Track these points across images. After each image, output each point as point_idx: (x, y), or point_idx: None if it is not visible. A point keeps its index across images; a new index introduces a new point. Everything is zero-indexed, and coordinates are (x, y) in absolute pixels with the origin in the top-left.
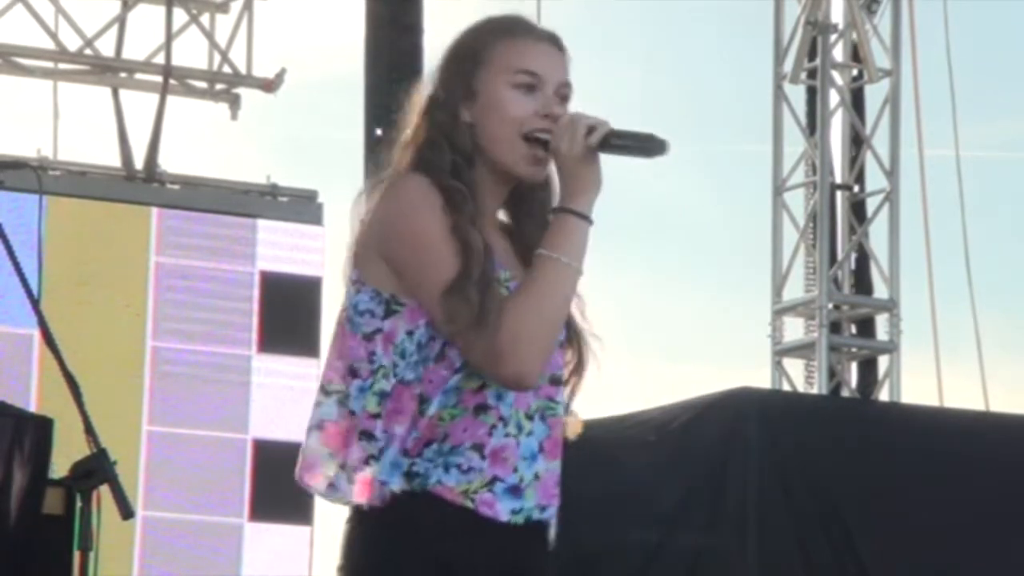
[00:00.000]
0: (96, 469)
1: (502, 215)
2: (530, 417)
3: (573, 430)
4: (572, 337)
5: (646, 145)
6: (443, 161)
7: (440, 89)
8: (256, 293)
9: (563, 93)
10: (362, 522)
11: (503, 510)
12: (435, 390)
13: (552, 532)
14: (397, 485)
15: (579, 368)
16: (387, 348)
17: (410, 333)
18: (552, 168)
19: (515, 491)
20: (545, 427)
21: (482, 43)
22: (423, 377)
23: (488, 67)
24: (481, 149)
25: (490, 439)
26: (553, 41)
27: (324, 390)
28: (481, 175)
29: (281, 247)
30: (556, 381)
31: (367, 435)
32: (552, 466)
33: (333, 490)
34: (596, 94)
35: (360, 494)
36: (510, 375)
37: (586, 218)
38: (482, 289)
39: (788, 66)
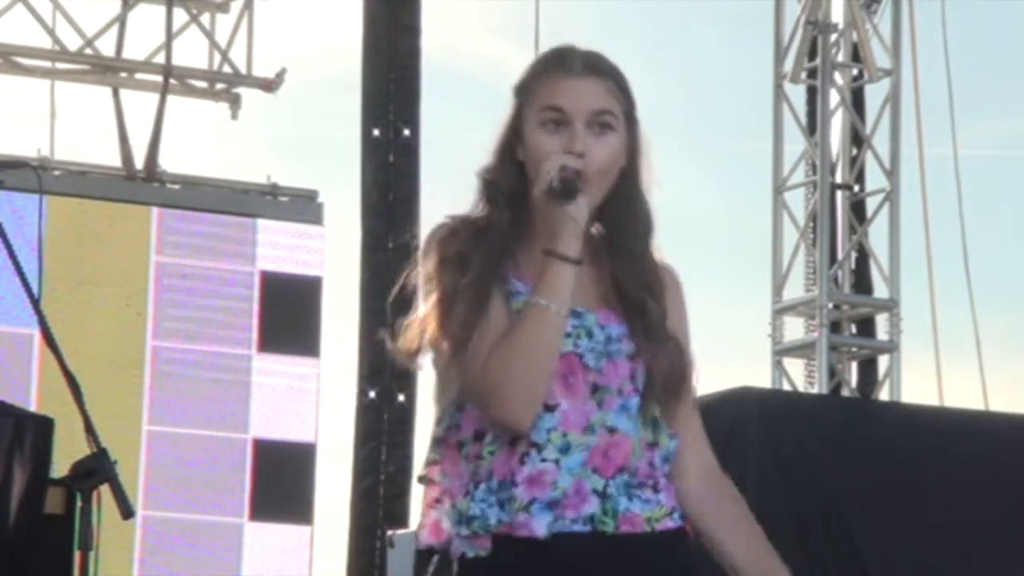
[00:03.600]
0: (96, 469)
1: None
2: (587, 432)
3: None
4: (657, 346)
5: (557, 188)
6: (497, 198)
7: (504, 127)
8: (256, 293)
9: (600, 121)
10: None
11: (539, 526)
12: (469, 432)
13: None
14: (457, 542)
15: (670, 382)
16: (440, 392)
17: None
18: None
19: (554, 505)
20: (609, 437)
21: (527, 82)
22: (461, 421)
23: (528, 105)
24: (532, 184)
25: (522, 467)
26: (590, 69)
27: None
28: (541, 208)
29: (281, 247)
30: (620, 392)
31: (428, 480)
32: (613, 478)
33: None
34: None
35: (427, 537)
36: (496, 419)
37: (567, 258)
38: (471, 304)
39: (788, 66)
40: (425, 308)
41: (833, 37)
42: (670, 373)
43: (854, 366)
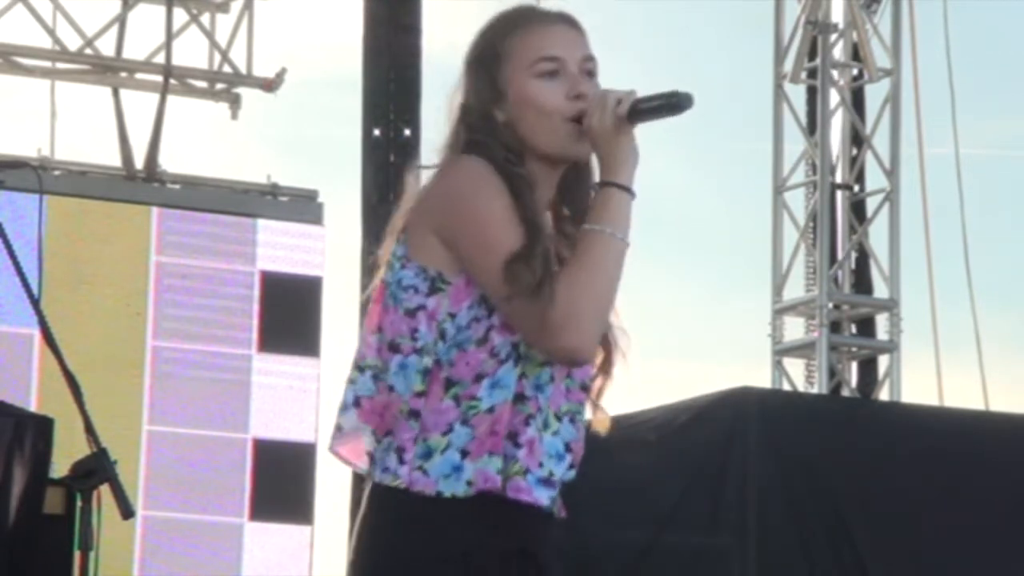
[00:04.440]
0: (96, 469)
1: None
2: (559, 417)
3: (602, 425)
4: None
5: (672, 102)
6: (496, 154)
7: (470, 95)
8: (256, 293)
9: (587, 68)
10: (390, 506)
11: (542, 497)
12: (468, 374)
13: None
14: (419, 477)
15: (607, 365)
16: (430, 325)
17: (452, 315)
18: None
19: (547, 483)
20: (573, 430)
21: (497, 41)
22: (456, 360)
23: (508, 63)
24: (525, 143)
25: (526, 429)
26: (565, 20)
27: (358, 367)
28: (532, 168)
29: (281, 247)
30: (585, 388)
31: (414, 414)
32: (570, 474)
33: (375, 466)
34: None
35: (349, 455)
36: (566, 348)
37: (628, 190)
38: (544, 263)
39: (788, 65)
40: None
41: (833, 37)
42: (613, 356)
43: (854, 366)
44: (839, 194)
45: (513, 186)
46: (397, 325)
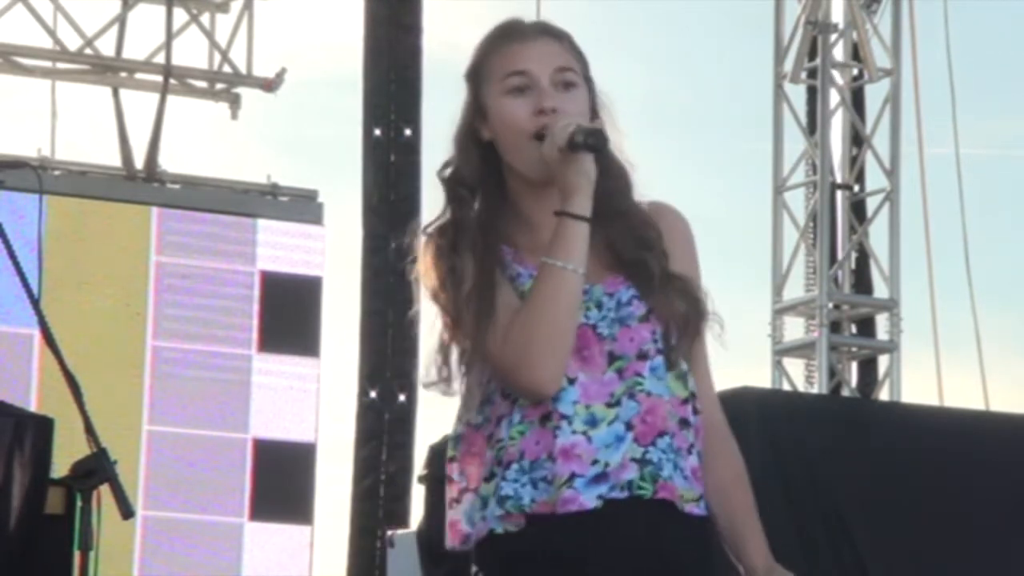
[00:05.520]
0: (96, 469)
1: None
2: (613, 404)
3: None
4: (666, 294)
5: (588, 142)
6: (461, 194)
7: (462, 115)
8: (256, 293)
9: (562, 79)
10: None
11: (588, 499)
12: (503, 421)
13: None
14: (482, 526)
15: (687, 330)
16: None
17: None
18: (618, 157)
19: (600, 479)
20: (636, 404)
21: (480, 59)
22: (491, 416)
23: (487, 82)
24: (506, 161)
25: (556, 440)
26: (542, 31)
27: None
28: (517, 185)
29: (281, 247)
30: (643, 356)
31: (448, 479)
32: (642, 451)
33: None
34: None
35: (450, 539)
36: (526, 385)
37: (581, 218)
38: (477, 309)
39: (788, 65)
40: (440, 334)
41: (833, 37)
42: (685, 313)
43: (854, 366)
44: (839, 194)
45: (445, 245)
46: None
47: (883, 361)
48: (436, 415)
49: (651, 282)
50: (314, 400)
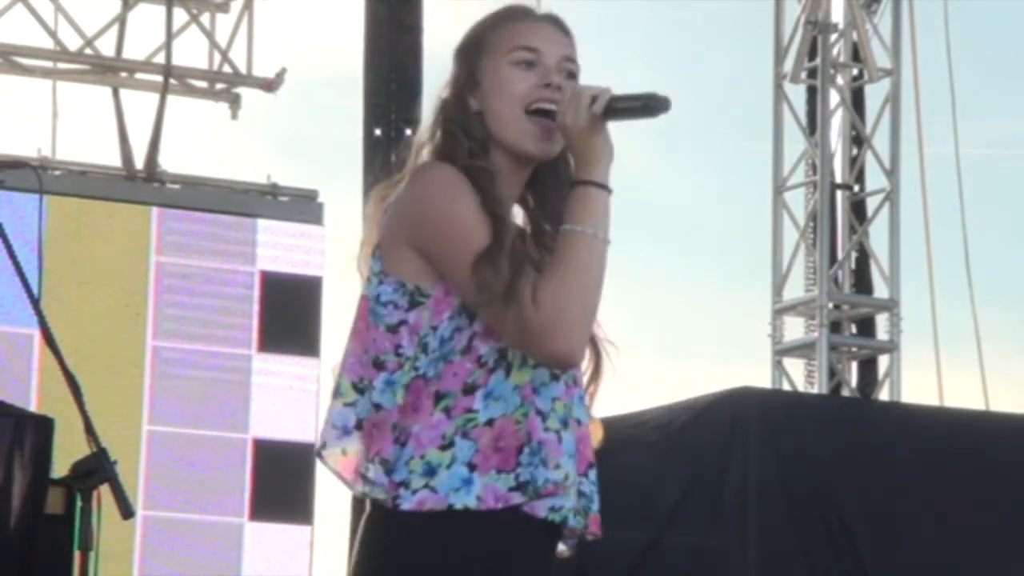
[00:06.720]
0: (96, 469)
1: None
2: (565, 414)
3: (596, 438)
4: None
5: (649, 104)
6: (461, 149)
7: (449, 87)
8: (256, 293)
9: (566, 68)
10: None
11: (541, 507)
12: (456, 385)
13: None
14: (464, 501)
15: (596, 375)
16: (412, 340)
17: (434, 328)
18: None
19: (556, 487)
20: (576, 425)
21: (483, 32)
22: (443, 373)
23: (489, 53)
24: (492, 134)
25: (540, 433)
26: (553, 22)
27: (357, 388)
28: (498, 161)
29: (281, 247)
30: (576, 382)
31: (405, 431)
32: (586, 475)
33: (372, 487)
34: None
35: (347, 475)
36: (557, 353)
37: (604, 187)
38: (514, 263)
39: (788, 66)
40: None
41: (833, 37)
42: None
43: (854, 366)
44: (839, 194)
45: (478, 181)
46: (380, 342)
47: (883, 361)
48: None
49: None
50: (314, 400)
